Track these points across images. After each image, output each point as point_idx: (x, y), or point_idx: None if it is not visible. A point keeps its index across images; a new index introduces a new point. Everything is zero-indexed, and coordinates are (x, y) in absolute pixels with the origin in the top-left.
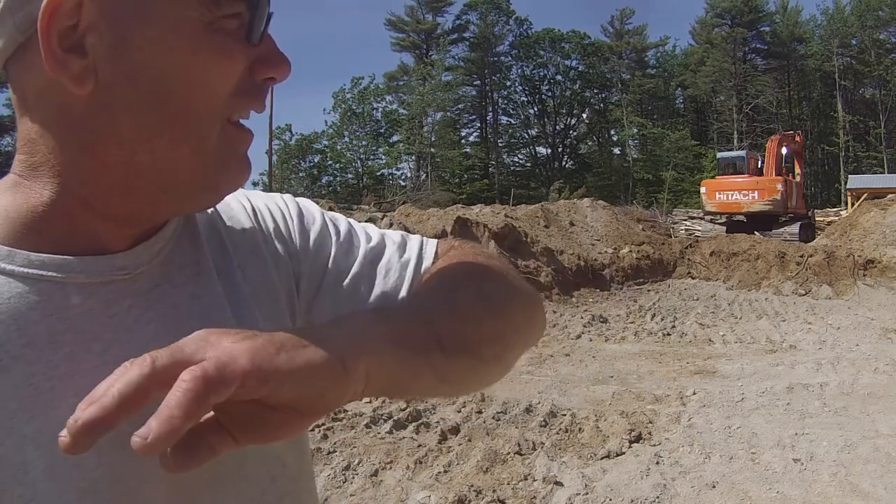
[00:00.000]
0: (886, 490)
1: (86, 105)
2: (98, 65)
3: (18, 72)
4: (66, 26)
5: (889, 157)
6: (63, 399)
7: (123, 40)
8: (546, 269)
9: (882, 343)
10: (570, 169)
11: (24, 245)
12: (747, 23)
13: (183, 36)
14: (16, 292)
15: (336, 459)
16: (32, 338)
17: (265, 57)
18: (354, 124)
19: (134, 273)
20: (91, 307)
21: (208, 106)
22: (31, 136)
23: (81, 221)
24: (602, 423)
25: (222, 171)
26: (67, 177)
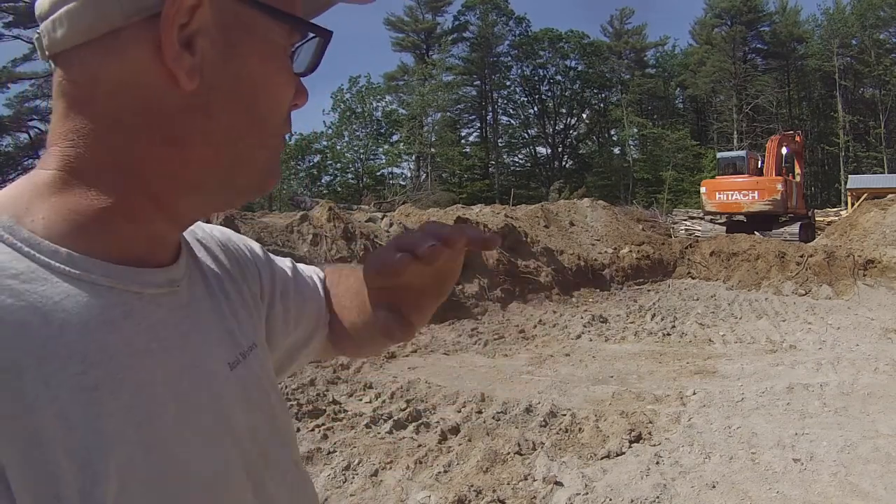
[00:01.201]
0: (886, 490)
1: (185, 102)
2: (205, 65)
3: (93, 60)
4: (181, 24)
5: (889, 157)
6: (168, 405)
7: (232, 48)
8: (546, 269)
9: (882, 343)
10: (570, 169)
11: (91, 250)
12: (747, 23)
13: (272, 55)
14: (104, 303)
15: (336, 459)
16: (134, 347)
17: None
18: (354, 124)
19: (180, 285)
20: (162, 317)
21: (278, 119)
22: (87, 130)
23: (146, 225)
24: (602, 423)
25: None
26: (143, 173)
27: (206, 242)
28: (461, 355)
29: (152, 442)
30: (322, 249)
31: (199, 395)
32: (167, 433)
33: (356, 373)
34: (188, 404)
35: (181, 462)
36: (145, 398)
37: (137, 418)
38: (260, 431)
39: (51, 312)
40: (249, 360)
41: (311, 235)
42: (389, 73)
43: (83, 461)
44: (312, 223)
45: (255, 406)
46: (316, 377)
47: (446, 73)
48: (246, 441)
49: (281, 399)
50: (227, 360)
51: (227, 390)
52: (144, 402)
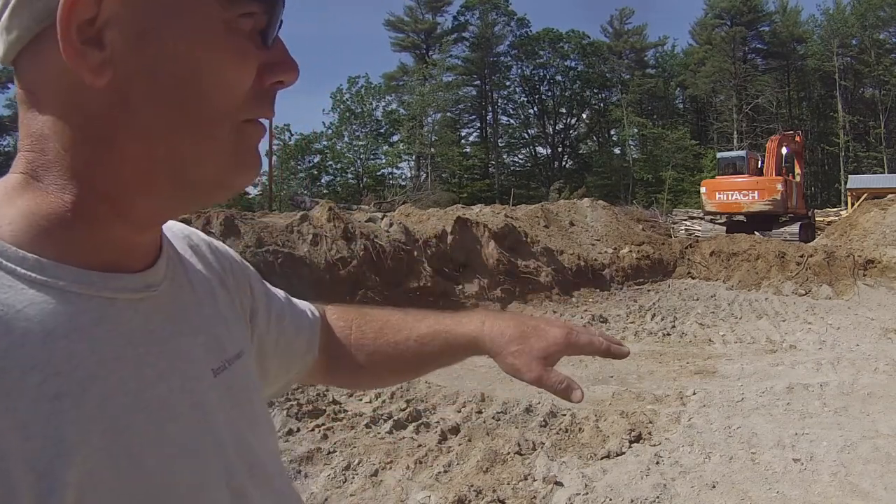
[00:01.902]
0: (886, 490)
1: (104, 98)
2: (117, 58)
3: (30, 65)
4: (85, 18)
5: (889, 157)
6: (139, 413)
7: (144, 34)
8: (546, 269)
9: (882, 343)
10: (570, 169)
11: (60, 255)
12: (747, 23)
13: (202, 33)
14: (74, 309)
15: (336, 459)
16: (102, 355)
17: (276, 61)
18: (354, 124)
19: (158, 290)
20: (137, 323)
21: (224, 105)
22: (42, 133)
23: (107, 228)
24: (602, 423)
25: (234, 169)
26: (88, 174)
27: (200, 248)
28: None
29: (119, 450)
30: (322, 249)
31: (178, 402)
32: (137, 441)
33: None
34: (164, 412)
35: (151, 470)
36: (114, 406)
37: (103, 426)
38: (245, 440)
39: (12, 321)
40: (235, 366)
41: (311, 235)
42: (389, 74)
43: (42, 470)
44: (312, 223)
45: (240, 414)
46: None
47: (446, 73)
48: (229, 449)
49: (265, 409)
50: (211, 366)
51: (210, 397)
52: (113, 409)
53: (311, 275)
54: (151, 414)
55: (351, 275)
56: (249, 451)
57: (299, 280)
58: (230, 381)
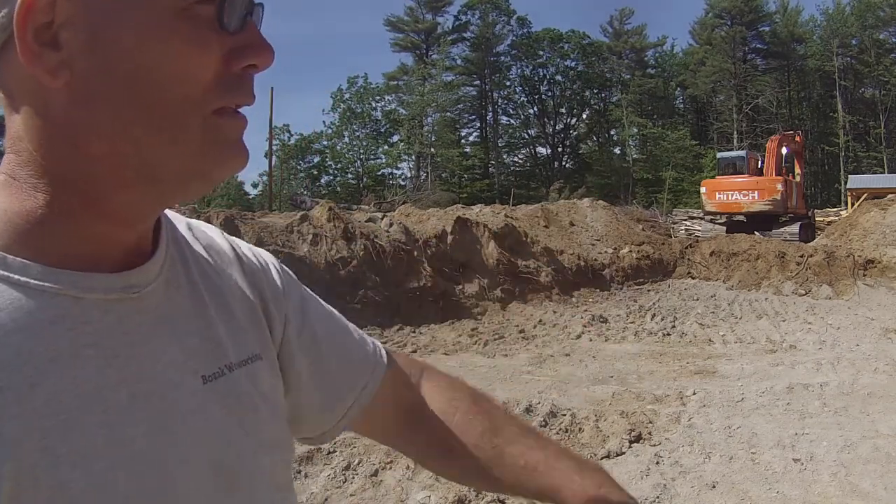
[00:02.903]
0: (886, 490)
1: (65, 98)
2: (73, 58)
3: (3, 71)
4: (42, 23)
5: (889, 157)
6: (93, 415)
7: (97, 33)
8: (546, 269)
9: (882, 343)
10: (570, 169)
11: (29, 253)
12: (747, 23)
13: (154, 25)
14: (35, 305)
15: (336, 459)
16: (57, 353)
17: (243, 45)
18: (354, 124)
19: (142, 292)
20: (108, 324)
21: (184, 96)
22: (18, 134)
23: (84, 225)
24: (602, 423)
25: (208, 160)
26: (57, 172)
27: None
28: (461, 355)
29: (61, 452)
30: (322, 249)
31: (141, 407)
32: (86, 443)
33: None
34: (122, 416)
35: (99, 475)
36: (64, 405)
37: (46, 425)
38: (230, 450)
39: None
40: (240, 373)
41: (311, 235)
42: (389, 74)
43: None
44: (312, 223)
45: (235, 423)
46: None
47: (446, 72)
48: (202, 460)
49: (277, 423)
50: (200, 372)
51: (189, 404)
52: (59, 409)
53: (311, 275)
54: (108, 416)
55: (351, 275)
56: (233, 464)
57: (299, 280)
58: (227, 388)
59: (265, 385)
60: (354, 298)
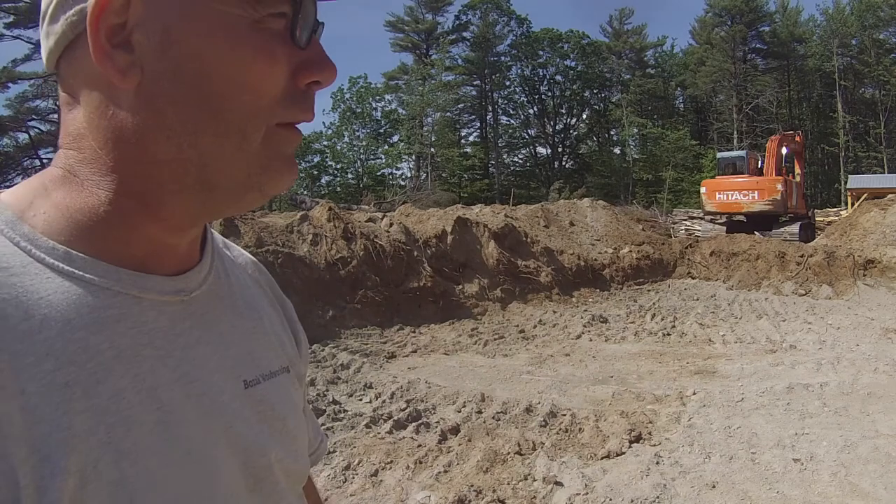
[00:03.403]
0: (886, 490)
1: (134, 99)
2: (144, 60)
3: (68, 69)
4: (115, 24)
5: (889, 157)
6: (151, 413)
7: (169, 37)
8: (546, 269)
9: (882, 343)
10: (570, 169)
11: (91, 250)
12: (747, 22)
13: (226, 33)
14: (98, 303)
15: (336, 459)
16: (120, 350)
17: (310, 60)
18: (354, 124)
19: (190, 297)
20: (162, 325)
21: (251, 105)
22: (79, 132)
23: (140, 227)
24: (602, 423)
25: (266, 173)
26: (121, 172)
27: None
28: (461, 355)
29: (124, 447)
30: (322, 249)
31: (192, 407)
32: (145, 440)
33: (356, 373)
34: (176, 414)
35: (155, 471)
36: (124, 403)
37: (111, 420)
38: (263, 455)
39: (33, 307)
40: (272, 383)
41: (311, 235)
42: (389, 74)
43: (43, 455)
44: (312, 223)
45: (266, 430)
46: (316, 377)
47: (446, 72)
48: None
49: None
50: (242, 378)
51: (231, 408)
52: (122, 406)
53: (311, 275)
54: (164, 415)
55: (351, 275)
56: (264, 468)
57: (299, 280)
58: (261, 396)
59: (292, 397)
60: (354, 298)
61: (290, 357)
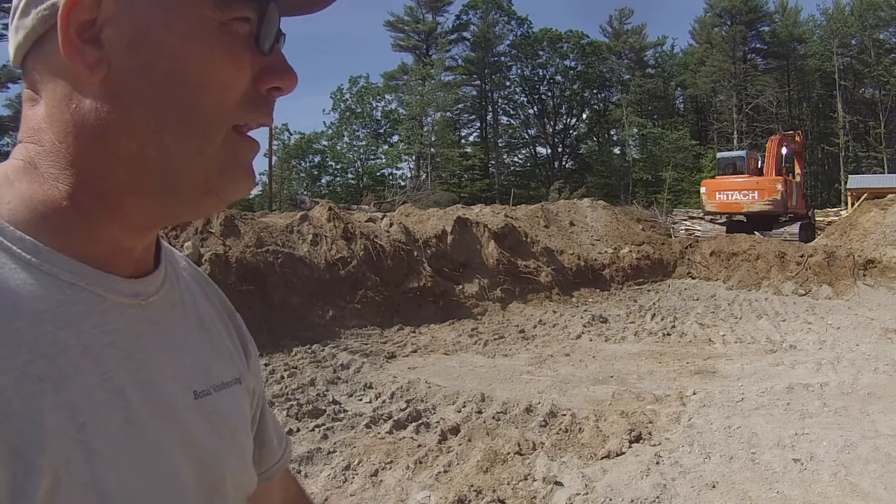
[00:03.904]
0: (886, 490)
1: (99, 94)
2: (113, 56)
3: (35, 63)
4: (85, 20)
5: (889, 157)
6: (117, 412)
7: (139, 34)
8: (546, 269)
9: (882, 343)
10: (570, 169)
11: (54, 242)
12: (747, 22)
13: (196, 33)
14: (65, 298)
15: (336, 459)
16: (87, 347)
17: (272, 67)
18: (354, 124)
19: (147, 301)
20: (122, 326)
21: (215, 106)
22: (40, 126)
23: (100, 225)
24: (602, 423)
25: (224, 177)
26: (80, 167)
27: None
28: (461, 355)
29: (95, 447)
30: (322, 249)
31: (151, 409)
32: (112, 441)
33: (356, 373)
34: (140, 416)
35: (122, 473)
36: (92, 401)
37: (81, 419)
38: (216, 465)
39: (4, 297)
40: (222, 395)
41: (311, 235)
42: (389, 74)
43: (17, 450)
44: (312, 223)
45: (216, 440)
46: (316, 377)
47: (446, 72)
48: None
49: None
50: (192, 388)
51: (185, 416)
52: (91, 404)
53: (311, 275)
54: (130, 415)
55: (351, 275)
56: (218, 478)
57: (299, 280)
58: (212, 407)
59: (242, 409)
60: (354, 298)
61: (240, 369)
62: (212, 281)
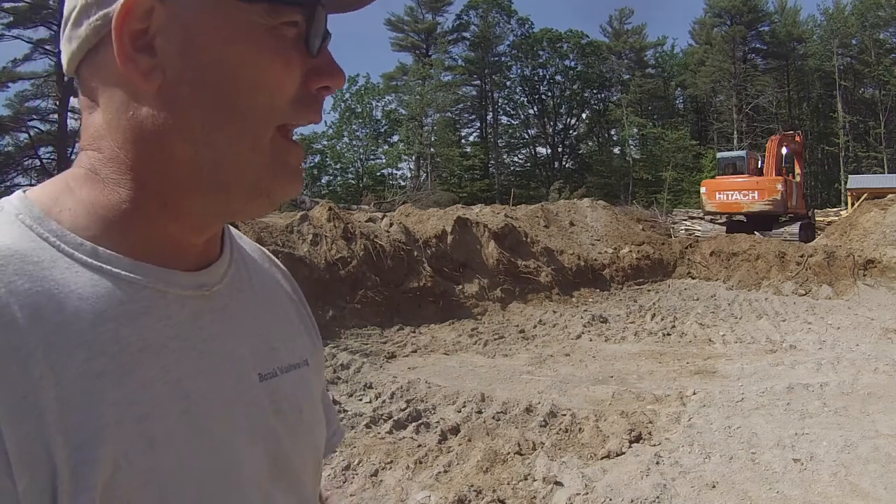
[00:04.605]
0: (886, 490)
1: (154, 101)
2: (166, 64)
3: (90, 72)
4: (138, 29)
5: (889, 157)
6: (176, 402)
7: (191, 42)
8: (546, 269)
9: (882, 343)
10: (570, 169)
11: (116, 245)
12: (746, 22)
13: (246, 37)
14: (125, 296)
15: (336, 459)
16: (148, 342)
17: (321, 66)
18: (354, 124)
19: (211, 291)
20: (185, 318)
21: (265, 106)
22: (99, 133)
23: (160, 225)
24: (602, 423)
25: (275, 178)
26: (140, 171)
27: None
28: (461, 355)
29: (153, 436)
30: (322, 249)
31: (214, 398)
32: (174, 430)
33: (356, 373)
34: (199, 406)
35: (184, 460)
36: (152, 393)
37: (140, 411)
38: (280, 447)
39: (66, 300)
40: (289, 376)
41: (311, 235)
42: (389, 74)
43: (77, 443)
44: (312, 223)
45: (281, 421)
46: None
47: (445, 72)
48: (260, 450)
49: (317, 425)
50: (258, 370)
51: (249, 398)
52: (151, 396)
53: (312, 275)
54: (189, 405)
55: (351, 275)
56: (283, 458)
57: (299, 280)
58: (277, 388)
59: (310, 389)
60: (354, 298)
61: (309, 348)
62: (278, 261)
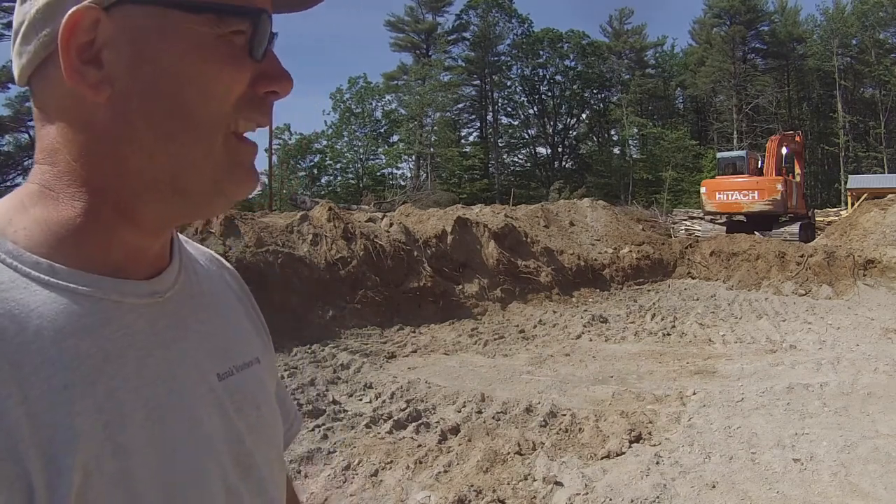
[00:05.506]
0: (886, 490)
1: (106, 113)
2: (115, 75)
3: (41, 86)
4: (84, 42)
5: (889, 157)
6: (140, 410)
7: (139, 54)
8: (546, 269)
9: (882, 343)
10: (570, 169)
11: (72, 260)
12: (746, 22)
13: (193, 49)
14: (83, 310)
15: (336, 459)
16: (108, 353)
17: (267, 71)
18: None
19: (164, 297)
20: (141, 326)
21: (216, 113)
22: (53, 147)
23: (117, 234)
24: (602, 423)
25: (229, 178)
26: (96, 183)
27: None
28: (461, 355)
29: (120, 442)
30: (322, 249)
31: (174, 402)
32: (138, 434)
33: (356, 373)
34: (161, 410)
35: (150, 462)
36: (116, 401)
37: (105, 419)
38: (242, 444)
39: (27, 319)
40: (245, 374)
41: (311, 235)
42: (389, 74)
43: (50, 455)
44: (312, 223)
45: (241, 418)
46: (316, 377)
47: (445, 72)
48: (223, 450)
49: (274, 420)
50: (216, 371)
51: (210, 399)
52: (114, 405)
53: (311, 275)
54: (150, 411)
55: (351, 275)
56: (246, 456)
57: (299, 280)
58: (235, 387)
59: (265, 386)
60: (354, 298)
61: (259, 346)
62: (225, 262)
